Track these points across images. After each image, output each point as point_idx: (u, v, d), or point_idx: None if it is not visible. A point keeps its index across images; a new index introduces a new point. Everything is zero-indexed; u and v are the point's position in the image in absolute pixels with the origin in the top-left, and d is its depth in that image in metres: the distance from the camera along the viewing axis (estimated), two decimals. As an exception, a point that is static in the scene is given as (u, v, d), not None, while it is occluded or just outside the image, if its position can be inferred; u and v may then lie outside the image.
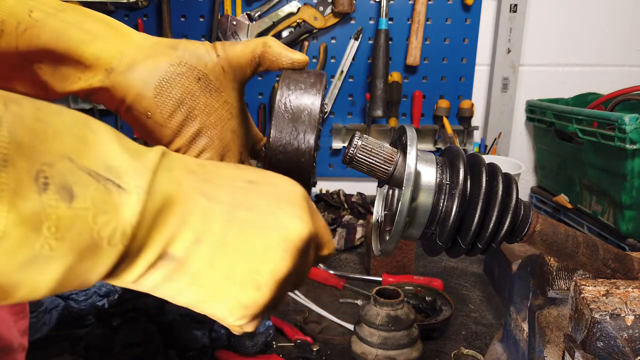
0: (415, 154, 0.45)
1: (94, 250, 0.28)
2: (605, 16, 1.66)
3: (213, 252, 0.32)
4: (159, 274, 0.32)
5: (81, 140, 0.28)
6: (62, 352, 0.90)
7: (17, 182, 0.25)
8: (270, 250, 0.34)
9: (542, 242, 0.53)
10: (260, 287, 0.34)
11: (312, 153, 0.44)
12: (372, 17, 1.62)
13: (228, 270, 0.33)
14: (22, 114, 0.26)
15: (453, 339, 0.99)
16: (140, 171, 0.29)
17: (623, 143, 1.13)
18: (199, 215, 0.32)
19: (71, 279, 0.28)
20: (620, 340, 0.49)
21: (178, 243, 0.31)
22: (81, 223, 0.27)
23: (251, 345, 0.90)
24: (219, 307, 0.34)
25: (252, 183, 0.36)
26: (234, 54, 0.49)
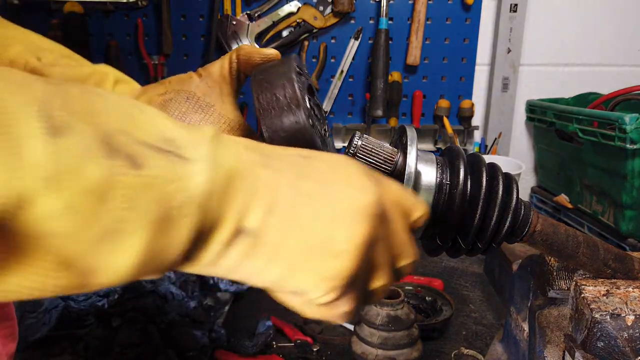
0: (416, 154, 0.45)
1: (168, 222, 0.26)
2: (606, 16, 1.66)
3: (286, 223, 0.31)
4: (237, 251, 0.30)
5: (131, 117, 0.27)
6: (61, 352, 0.90)
7: (85, 146, 0.23)
8: (341, 217, 0.32)
9: (543, 242, 0.53)
10: (339, 254, 0.32)
11: (307, 123, 0.43)
12: (372, 17, 1.62)
13: (304, 241, 0.31)
14: (68, 89, 0.25)
15: (453, 339, 0.99)
16: (201, 143, 0.28)
17: (623, 143, 1.13)
18: (265, 186, 0.31)
19: (150, 258, 0.26)
20: (620, 340, 0.49)
21: (251, 215, 0.30)
22: (151, 192, 0.25)
23: (251, 346, 0.90)
24: (303, 281, 0.32)
25: (306, 158, 0.35)
26: (214, 68, 0.51)
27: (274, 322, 0.99)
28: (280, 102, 0.42)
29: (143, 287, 0.96)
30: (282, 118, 0.42)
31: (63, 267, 0.24)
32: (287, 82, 0.43)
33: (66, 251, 0.24)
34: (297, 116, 0.42)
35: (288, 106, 0.42)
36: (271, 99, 0.43)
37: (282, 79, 0.43)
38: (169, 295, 0.97)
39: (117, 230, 0.25)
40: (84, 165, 0.23)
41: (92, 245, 0.24)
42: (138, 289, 0.96)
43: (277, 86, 0.43)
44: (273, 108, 0.42)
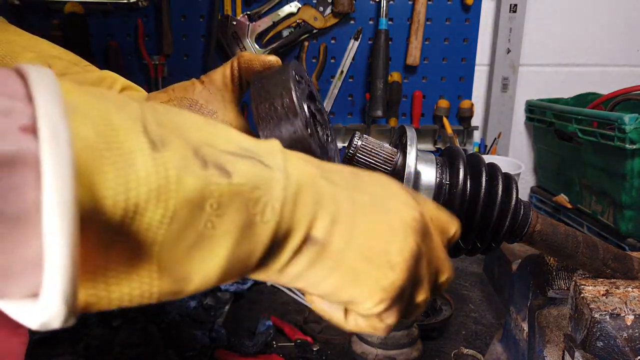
0: (415, 154, 0.45)
1: (251, 228, 0.28)
2: (606, 16, 1.66)
3: (348, 233, 0.32)
4: (304, 259, 0.31)
5: (210, 131, 0.28)
6: (61, 352, 0.90)
7: (182, 158, 0.25)
8: (394, 230, 0.34)
9: (542, 242, 0.53)
10: (394, 266, 0.33)
11: (305, 132, 0.43)
12: (372, 17, 1.62)
13: (363, 252, 0.33)
14: (156, 108, 0.27)
15: (453, 338, 0.99)
16: (274, 153, 0.30)
17: (623, 143, 1.13)
18: (328, 197, 0.32)
19: (234, 263, 0.28)
20: (620, 340, 0.50)
21: (318, 224, 0.31)
22: (239, 199, 0.27)
23: (251, 345, 0.90)
24: (360, 290, 0.33)
25: (353, 173, 0.36)
26: (216, 75, 0.52)
27: (274, 321, 0.99)
28: (278, 112, 0.43)
29: (143, 287, 0.96)
30: (280, 128, 0.43)
31: (164, 274, 0.26)
32: (284, 92, 0.43)
33: (166, 258, 0.25)
34: (294, 126, 0.43)
35: (286, 116, 0.42)
36: (269, 109, 0.43)
37: (280, 88, 0.43)
38: (169, 295, 0.98)
39: (207, 237, 0.26)
40: (184, 176, 0.25)
41: (187, 252, 0.26)
42: (138, 289, 0.96)
43: (275, 95, 0.43)
44: (271, 118, 0.43)
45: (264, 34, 1.57)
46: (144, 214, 0.23)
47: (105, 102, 0.24)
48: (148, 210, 0.24)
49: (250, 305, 1.10)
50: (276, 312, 1.06)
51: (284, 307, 1.09)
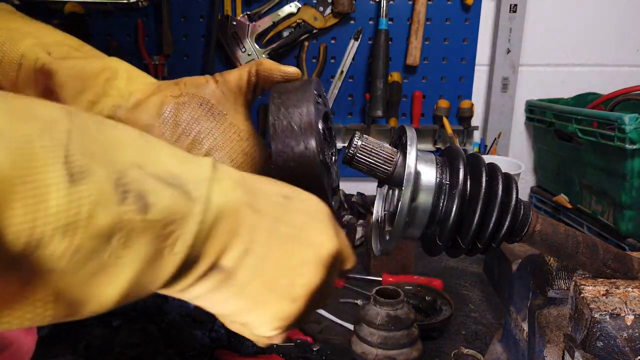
0: (415, 154, 0.45)
1: (159, 258, 0.28)
2: (605, 16, 1.66)
3: (258, 264, 0.33)
4: (207, 284, 0.32)
5: (141, 150, 0.28)
6: (62, 352, 0.90)
7: (99, 193, 0.25)
8: (305, 265, 0.35)
9: (542, 242, 0.53)
10: (296, 299, 0.34)
11: (317, 156, 0.43)
12: (372, 18, 1.62)
13: (270, 283, 0.33)
14: (87, 127, 0.26)
15: (453, 338, 0.99)
16: (200, 181, 0.30)
17: (623, 143, 1.13)
18: (247, 227, 0.32)
19: (135, 289, 0.28)
20: (620, 340, 0.50)
21: (229, 254, 0.32)
22: (150, 233, 0.27)
23: (251, 345, 0.90)
24: (257, 318, 0.34)
25: (286, 198, 0.37)
26: (231, 77, 0.51)
27: (274, 322, 0.99)
28: (295, 131, 0.43)
29: (143, 287, 0.96)
30: (293, 145, 0.43)
31: (59, 300, 0.26)
32: (304, 112, 0.43)
33: (64, 286, 0.25)
34: (308, 148, 0.43)
35: (301, 135, 0.43)
36: (286, 126, 0.43)
37: (300, 107, 0.43)
38: (169, 295, 0.98)
39: (110, 266, 0.26)
40: (97, 212, 0.25)
41: (86, 280, 0.26)
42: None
43: (294, 113, 0.43)
44: (287, 134, 0.43)
45: (264, 34, 1.57)
46: (46, 246, 0.24)
47: (30, 124, 0.24)
48: (51, 244, 0.24)
49: (250, 305, 1.10)
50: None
51: (284, 307, 1.09)
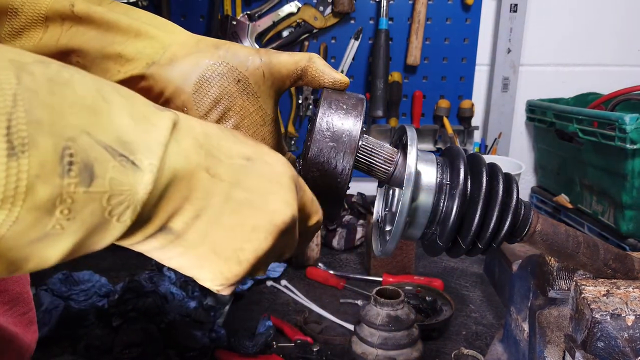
0: (416, 154, 0.45)
1: (103, 226, 0.28)
2: (606, 16, 1.66)
3: (208, 228, 0.33)
4: (155, 243, 0.32)
5: (95, 112, 0.27)
6: (62, 352, 0.90)
7: (41, 165, 0.25)
8: (256, 231, 0.35)
9: (543, 242, 0.53)
10: (242, 262, 0.35)
11: (349, 176, 0.44)
12: (372, 17, 1.62)
13: (217, 246, 0.34)
14: (36, 89, 0.26)
15: (453, 339, 0.99)
16: (153, 147, 0.29)
17: (623, 143, 1.13)
18: (201, 192, 0.32)
19: (78, 251, 0.29)
20: (620, 341, 0.49)
21: (179, 218, 0.32)
22: (94, 205, 0.27)
23: (251, 346, 0.90)
24: (202, 275, 0.36)
25: (249, 160, 0.36)
26: (278, 61, 0.49)
27: (274, 322, 0.99)
28: (335, 149, 0.43)
29: (143, 287, 0.96)
30: (331, 157, 0.43)
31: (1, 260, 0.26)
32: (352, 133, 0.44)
33: (4, 249, 0.26)
34: (344, 163, 0.44)
35: (340, 154, 0.43)
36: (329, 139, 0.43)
37: (348, 125, 0.44)
38: (169, 295, 0.97)
39: (53, 235, 0.26)
40: (37, 186, 0.25)
41: (27, 245, 0.26)
42: (138, 289, 0.96)
43: (342, 132, 0.44)
44: (325, 149, 0.43)
45: (264, 33, 1.57)
46: None
47: None
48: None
49: (250, 306, 1.10)
50: (276, 313, 1.06)
51: (284, 308, 1.09)
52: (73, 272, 1.06)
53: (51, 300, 0.97)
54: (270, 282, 1.18)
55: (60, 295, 1.00)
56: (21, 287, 0.70)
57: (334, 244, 1.39)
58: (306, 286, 1.18)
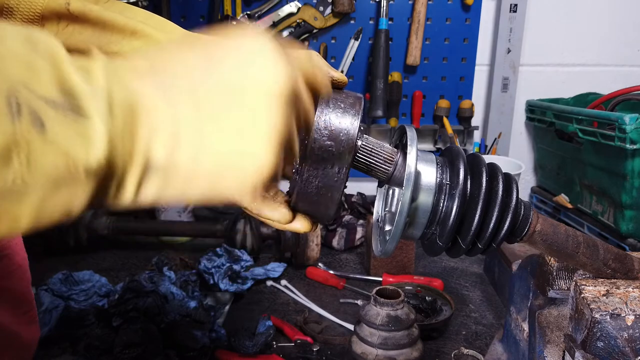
0: (416, 154, 0.45)
1: (70, 181, 0.27)
2: (606, 16, 1.66)
3: (196, 148, 0.31)
4: (154, 185, 0.31)
5: (30, 66, 0.26)
6: (62, 352, 0.90)
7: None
8: (255, 117, 0.32)
9: (543, 242, 0.53)
10: (259, 159, 0.32)
11: (346, 175, 0.44)
12: (372, 17, 1.62)
13: (220, 160, 0.32)
14: None
15: (453, 339, 0.99)
16: (96, 92, 0.28)
17: (623, 143, 1.13)
18: (165, 116, 0.30)
19: (50, 209, 0.27)
20: (620, 340, 0.49)
21: (156, 149, 0.30)
22: (53, 154, 0.26)
23: (251, 346, 0.90)
24: (228, 194, 0.33)
25: (210, 60, 0.33)
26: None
27: (274, 322, 0.99)
28: (331, 152, 0.43)
29: (143, 287, 0.96)
30: (328, 159, 0.43)
31: None
32: (349, 132, 0.43)
33: None
34: (341, 162, 0.43)
35: (337, 157, 0.43)
36: (326, 138, 0.43)
37: (345, 125, 0.43)
38: (169, 295, 0.98)
39: (14, 190, 0.25)
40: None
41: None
42: (138, 289, 0.96)
43: (340, 132, 0.43)
44: (324, 160, 0.43)
45: (264, 33, 1.57)
46: None
47: None
48: None
49: (250, 306, 1.10)
50: (276, 313, 1.06)
51: (284, 308, 1.09)
52: (73, 272, 1.06)
53: (51, 300, 0.97)
54: (270, 282, 1.18)
55: (61, 295, 1.00)
56: (23, 286, 0.70)
57: (334, 244, 1.39)
58: (306, 286, 1.18)
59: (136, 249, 1.38)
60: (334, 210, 0.45)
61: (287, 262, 1.26)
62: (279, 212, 0.44)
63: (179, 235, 1.39)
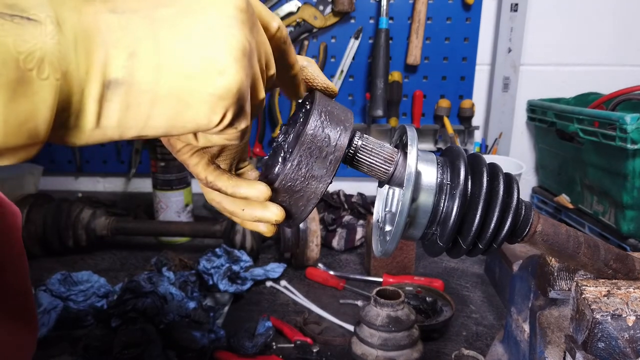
0: (416, 154, 0.45)
1: (26, 85, 0.26)
2: (607, 15, 1.66)
3: (154, 58, 0.30)
4: (114, 105, 0.30)
5: None
6: (61, 353, 0.90)
7: None
8: (216, 30, 0.31)
9: (543, 243, 0.52)
10: (224, 71, 0.31)
11: (336, 167, 0.43)
12: (372, 17, 1.62)
13: (183, 70, 0.31)
14: None
15: (454, 339, 0.98)
16: (41, 4, 0.27)
17: (624, 143, 1.13)
18: (119, 31, 0.29)
19: (16, 122, 0.27)
20: (621, 341, 0.49)
21: (113, 65, 0.29)
22: (3, 51, 0.25)
23: (251, 346, 0.90)
24: (196, 114, 0.32)
25: None
26: None
27: (274, 322, 0.98)
28: (321, 158, 0.42)
29: (142, 288, 0.96)
30: (317, 159, 0.42)
31: None
32: (340, 142, 0.43)
33: None
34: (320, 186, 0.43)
35: (326, 155, 0.42)
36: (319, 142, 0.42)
37: (338, 133, 0.43)
38: (169, 295, 0.97)
39: None
40: None
41: None
42: (137, 289, 0.96)
43: (331, 138, 0.43)
44: (318, 148, 0.42)
45: (264, 33, 1.57)
46: None
47: None
48: None
49: (250, 306, 1.10)
50: (276, 313, 1.05)
51: (283, 308, 1.09)
52: (72, 273, 1.06)
53: (50, 300, 0.97)
54: (270, 283, 1.18)
55: (59, 295, 1.00)
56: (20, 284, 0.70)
57: (334, 245, 1.39)
58: (306, 287, 1.18)
59: (135, 249, 1.38)
60: (311, 207, 0.45)
61: (287, 263, 1.26)
62: (257, 188, 0.42)
63: (178, 235, 1.39)
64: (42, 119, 0.27)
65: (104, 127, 0.30)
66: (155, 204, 1.43)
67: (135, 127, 0.31)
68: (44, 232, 1.27)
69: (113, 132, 0.31)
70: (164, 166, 1.38)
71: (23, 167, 1.65)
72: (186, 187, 1.43)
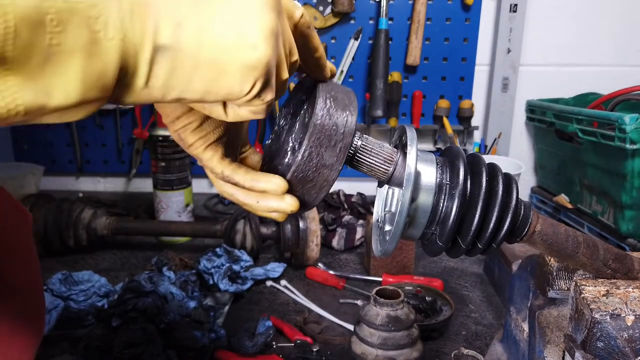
0: (416, 154, 0.45)
1: (96, 45, 0.29)
2: (606, 16, 1.66)
3: (196, 30, 0.34)
4: (162, 68, 0.33)
5: None
6: (61, 352, 0.90)
7: None
8: (248, 11, 0.35)
9: (543, 242, 0.53)
10: (256, 46, 0.35)
11: (345, 154, 0.44)
12: (372, 17, 1.62)
13: (220, 42, 0.34)
14: None
15: (453, 339, 0.99)
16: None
17: (623, 143, 1.13)
18: (167, 5, 0.33)
19: (90, 78, 0.30)
20: (620, 341, 0.49)
21: (162, 33, 0.32)
22: (77, 16, 0.28)
23: (251, 346, 0.90)
24: (231, 79, 0.35)
25: None
26: None
27: (274, 322, 0.99)
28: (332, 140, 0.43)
29: (143, 287, 0.96)
30: (327, 148, 0.43)
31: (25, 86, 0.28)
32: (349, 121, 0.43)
33: (23, 73, 0.28)
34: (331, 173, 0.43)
35: (335, 143, 0.43)
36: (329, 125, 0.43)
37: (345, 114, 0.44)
38: (169, 295, 0.97)
39: (55, 53, 0.28)
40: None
41: (41, 67, 0.28)
42: (138, 289, 0.96)
43: (339, 118, 0.43)
44: (327, 137, 0.43)
45: (264, 33, 1.57)
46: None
47: None
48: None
49: (250, 306, 1.10)
50: (276, 313, 1.06)
51: (283, 308, 1.09)
52: (72, 273, 1.06)
53: (51, 300, 0.97)
54: (270, 282, 1.18)
55: (60, 295, 1.00)
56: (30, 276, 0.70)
57: (333, 244, 1.39)
58: (306, 286, 1.18)
59: (136, 249, 1.38)
60: (323, 194, 0.45)
61: (287, 263, 1.26)
62: (274, 182, 0.44)
63: (179, 235, 1.39)
64: (111, 75, 0.31)
65: (151, 87, 0.34)
66: (156, 204, 1.43)
67: (177, 88, 0.35)
68: (45, 232, 1.27)
69: (158, 92, 0.34)
70: (164, 166, 1.38)
71: (24, 167, 1.66)
72: (187, 187, 1.43)
